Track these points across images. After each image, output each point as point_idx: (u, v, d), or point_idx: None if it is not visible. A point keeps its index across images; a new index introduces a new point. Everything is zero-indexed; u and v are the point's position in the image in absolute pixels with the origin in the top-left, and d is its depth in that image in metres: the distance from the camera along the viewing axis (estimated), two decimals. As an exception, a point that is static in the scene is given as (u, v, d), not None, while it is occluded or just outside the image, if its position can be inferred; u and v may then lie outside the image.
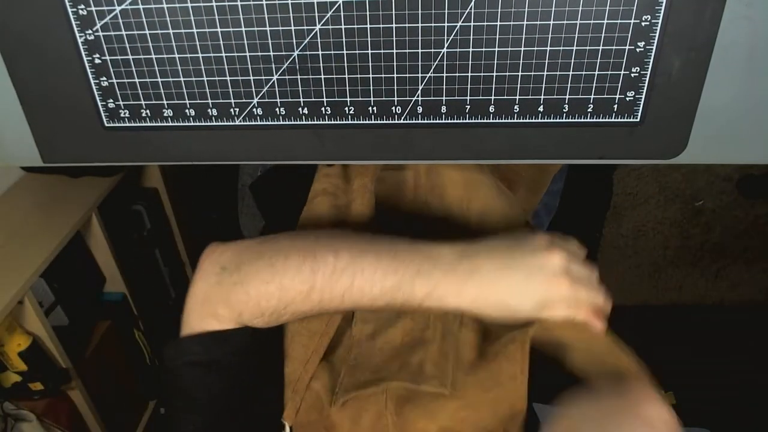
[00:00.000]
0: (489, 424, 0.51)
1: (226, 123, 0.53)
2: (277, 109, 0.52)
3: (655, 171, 1.50)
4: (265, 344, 0.53)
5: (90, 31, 0.49)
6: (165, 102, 0.52)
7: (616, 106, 0.49)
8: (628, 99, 0.49)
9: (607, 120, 0.50)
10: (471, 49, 0.47)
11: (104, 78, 0.51)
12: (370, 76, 0.49)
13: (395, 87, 0.50)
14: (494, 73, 0.48)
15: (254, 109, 0.52)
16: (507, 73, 0.48)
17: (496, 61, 0.48)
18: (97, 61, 0.50)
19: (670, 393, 1.08)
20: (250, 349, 0.51)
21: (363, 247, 0.50)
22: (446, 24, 0.46)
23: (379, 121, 0.52)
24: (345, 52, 0.48)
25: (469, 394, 0.52)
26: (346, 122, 0.52)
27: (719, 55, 0.46)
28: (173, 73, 0.50)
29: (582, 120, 0.50)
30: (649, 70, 0.47)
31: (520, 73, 0.48)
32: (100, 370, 1.30)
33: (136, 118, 0.53)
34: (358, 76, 0.49)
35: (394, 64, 0.48)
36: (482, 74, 0.48)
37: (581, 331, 0.51)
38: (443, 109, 0.50)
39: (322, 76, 0.50)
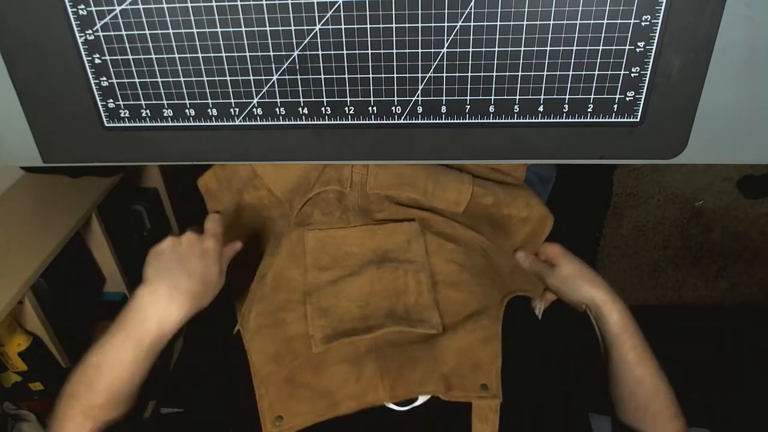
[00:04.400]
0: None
1: (226, 123, 0.53)
2: (277, 109, 0.52)
3: (655, 171, 1.50)
4: None
5: (90, 31, 0.49)
6: (165, 102, 0.52)
7: (616, 106, 0.49)
8: (628, 99, 0.49)
9: (607, 120, 0.50)
10: (471, 49, 0.47)
11: (104, 78, 0.51)
12: (370, 76, 0.49)
13: (395, 87, 0.50)
14: (494, 73, 0.48)
15: (254, 109, 0.52)
16: (507, 73, 0.48)
17: (496, 61, 0.48)
18: (97, 61, 0.50)
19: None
20: None
21: None
22: (446, 24, 0.46)
23: (379, 121, 0.52)
24: (345, 52, 0.48)
25: (459, 334, 0.58)
26: (346, 122, 0.52)
27: (719, 55, 0.46)
28: (173, 73, 0.50)
29: (582, 120, 0.50)
30: (649, 70, 0.47)
31: (520, 73, 0.48)
32: (100, 370, 1.29)
33: (136, 118, 0.53)
34: (358, 76, 0.49)
35: (394, 64, 0.48)
36: (482, 74, 0.48)
37: None
38: (443, 109, 0.50)
39: (322, 76, 0.50)
